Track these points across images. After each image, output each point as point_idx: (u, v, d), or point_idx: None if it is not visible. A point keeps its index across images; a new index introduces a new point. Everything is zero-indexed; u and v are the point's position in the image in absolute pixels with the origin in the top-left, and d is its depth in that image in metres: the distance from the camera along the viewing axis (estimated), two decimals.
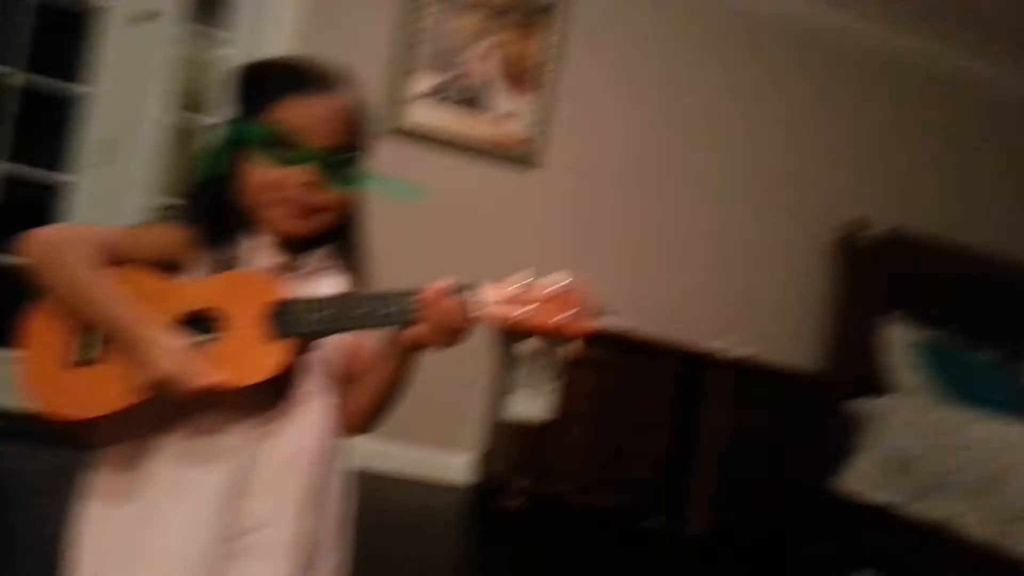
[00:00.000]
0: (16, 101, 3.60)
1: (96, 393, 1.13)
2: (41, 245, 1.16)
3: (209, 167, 1.24)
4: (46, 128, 3.66)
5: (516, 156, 3.99)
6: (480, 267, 3.63)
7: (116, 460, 1.19)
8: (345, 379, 1.28)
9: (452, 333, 1.16)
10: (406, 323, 1.17)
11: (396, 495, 3.48)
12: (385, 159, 3.51)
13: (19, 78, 3.58)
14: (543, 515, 3.51)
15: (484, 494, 3.72)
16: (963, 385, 4.01)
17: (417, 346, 1.21)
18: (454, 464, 3.87)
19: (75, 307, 1.15)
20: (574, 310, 1.16)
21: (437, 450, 3.86)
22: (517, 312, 1.15)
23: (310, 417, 1.20)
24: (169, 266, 1.21)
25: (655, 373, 3.69)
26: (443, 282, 1.16)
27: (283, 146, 1.19)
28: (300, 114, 1.19)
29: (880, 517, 3.67)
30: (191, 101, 3.88)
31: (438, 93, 3.89)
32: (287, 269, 1.24)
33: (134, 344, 1.11)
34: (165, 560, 1.12)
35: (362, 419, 1.29)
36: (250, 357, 1.13)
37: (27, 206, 3.62)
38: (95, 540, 1.17)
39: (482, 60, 3.94)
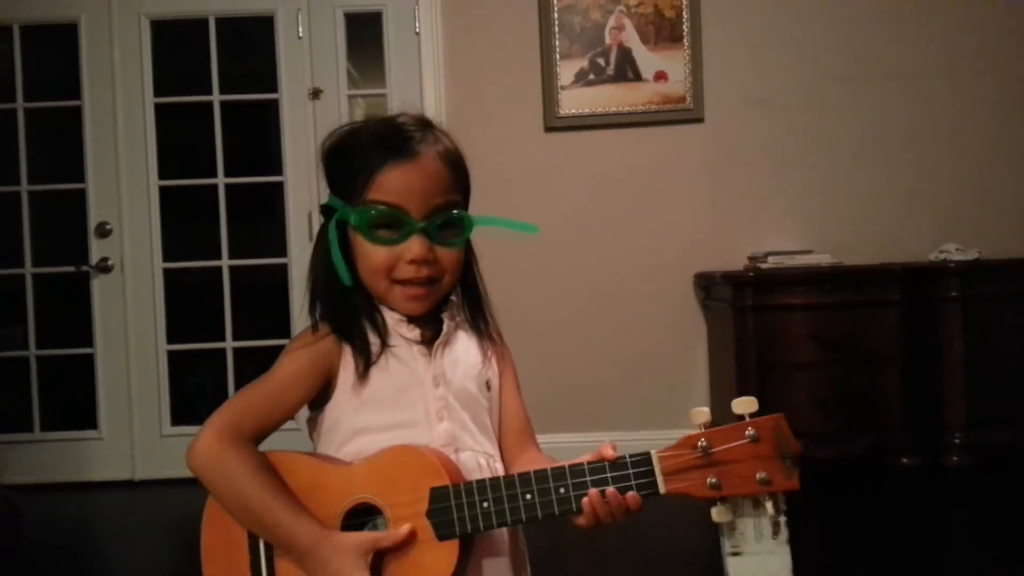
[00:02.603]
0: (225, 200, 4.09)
1: None
2: (204, 458, 1.12)
3: (323, 262, 1.21)
4: (255, 218, 4.12)
5: (677, 115, 3.88)
6: (669, 235, 3.80)
7: None
8: None
9: (622, 519, 1.08)
10: (574, 512, 1.08)
11: None
12: (546, 154, 3.78)
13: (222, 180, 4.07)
14: None
15: None
16: None
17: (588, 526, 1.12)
18: None
19: (247, 526, 1.13)
20: (770, 462, 1.02)
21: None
22: (702, 482, 1.03)
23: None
24: (328, 380, 1.20)
25: (874, 302, 3.47)
26: (602, 492, 1.05)
27: (385, 226, 1.16)
28: (394, 187, 1.15)
29: None
30: None
31: (589, 77, 3.87)
32: (426, 341, 1.22)
33: (310, 572, 1.10)
34: None
35: None
36: (418, 566, 1.09)
37: (256, 289, 4.11)
38: None
39: (617, 30, 3.87)
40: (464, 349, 1.25)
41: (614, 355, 3.93)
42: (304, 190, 4.02)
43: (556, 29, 3.87)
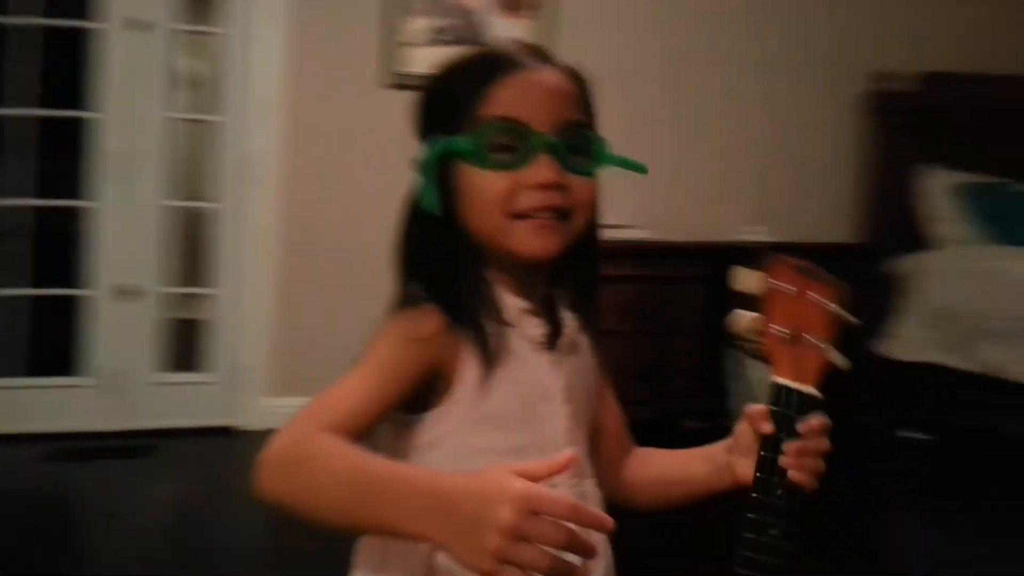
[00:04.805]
0: (34, 133, 3.71)
1: None
2: (277, 467, 0.79)
3: (418, 210, 0.95)
4: (66, 156, 3.77)
5: None
6: None
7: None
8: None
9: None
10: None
11: None
12: (385, 112, 3.71)
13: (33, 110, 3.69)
14: None
15: None
16: (1007, 225, 3.89)
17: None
18: None
19: (351, 511, 0.75)
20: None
21: None
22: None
23: None
24: (438, 379, 0.91)
25: (684, 277, 3.73)
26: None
27: (505, 146, 0.91)
28: (511, 99, 0.92)
29: (928, 375, 3.68)
30: (200, 101, 4.09)
31: (435, 36, 3.81)
32: (551, 341, 0.98)
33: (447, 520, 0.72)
34: None
35: (641, 504, 1.11)
36: None
37: (59, 234, 3.79)
38: None
39: None
40: (583, 353, 1.04)
41: None
42: (121, 125, 3.70)
43: None
